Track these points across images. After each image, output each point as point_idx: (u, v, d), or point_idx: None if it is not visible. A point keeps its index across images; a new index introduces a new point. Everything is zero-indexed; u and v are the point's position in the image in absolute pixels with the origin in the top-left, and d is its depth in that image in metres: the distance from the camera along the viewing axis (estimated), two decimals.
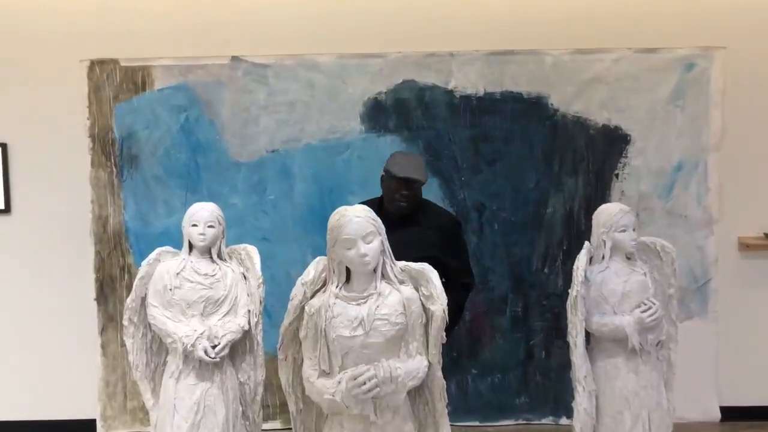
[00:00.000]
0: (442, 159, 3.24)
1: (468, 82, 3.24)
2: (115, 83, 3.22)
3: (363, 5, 3.26)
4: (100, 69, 3.22)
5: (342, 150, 3.25)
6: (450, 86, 3.25)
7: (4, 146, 3.24)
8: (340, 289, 2.00)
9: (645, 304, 2.44)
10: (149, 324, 2.47)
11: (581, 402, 2.46)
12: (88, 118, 3.22)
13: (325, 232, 2.03)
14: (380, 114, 3.25)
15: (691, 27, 3.27)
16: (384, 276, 2.01)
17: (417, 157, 2.77)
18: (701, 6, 3.27)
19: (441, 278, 2.57)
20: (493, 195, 3.25)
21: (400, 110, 3.25)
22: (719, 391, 3.32)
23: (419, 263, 2.07)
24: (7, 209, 3.26)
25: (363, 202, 2.72)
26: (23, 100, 3.24)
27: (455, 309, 2.70)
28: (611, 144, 3.27)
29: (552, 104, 3.25)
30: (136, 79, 3.22)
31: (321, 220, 3.14)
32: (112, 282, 3.25)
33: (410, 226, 2.62)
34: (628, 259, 2.53)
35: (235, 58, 3.21)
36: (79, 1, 3.22)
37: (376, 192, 3.22)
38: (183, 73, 3.21)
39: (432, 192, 3.08)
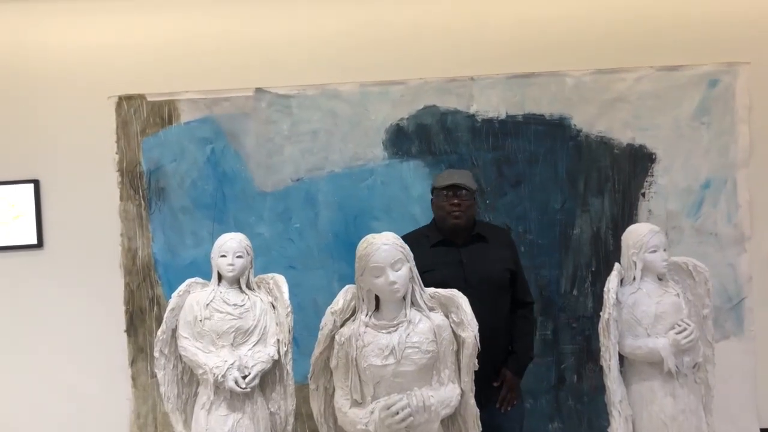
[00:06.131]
0: None
1: (489, 105, 3.25)
2: (142, 118, 3.29)
3: (383, 34, 3.30)
4: (127, 104, 3.29)
5: (366, 177, 3.27)
6: (471, 110, 3.26)
7: (36, 183, 3.32)
8: (370, 317, 2.00)
9: (679, 326, 2.40)
10: (180, 355, 2.48)
11: (617, 427, 2.41)
12: (116, 153, 3.29)
13: (351, 258, 2.04)
14: (403, 140, 3.26)
15: (714, 43, 3.25)
16: (413, 303, 2.01)
17: (463, 170, 2.78)
18: (723, 22, 3.25)
19: (528, 296, 2.66)
20: (519, 217, 3.24)
21: (423, 135, 3.26)
22: (759, 412, 3.23)
23: (449, 290, 2.07)
24: (39, 244, 3.32)
25: (412, 233, 2.73)
26: (54, 138, 3.32)
27: (530, 336, 2.70)
28: (636, 163, 3.24)
29: (575, 125, 3.25)
30: (163, 114, 3.29)
31: (346, 247, 3.20)
32: (142, 314, 3.28)
33: (480, 242, 2.60)
34: (660, 279, 2.49)
35: (258, 90, 3.26)
36: (106, 39, 3.31)
37: (400, 217, 3.25)
38: (208, 106, 3.26)
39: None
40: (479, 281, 2.50)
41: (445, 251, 2.57)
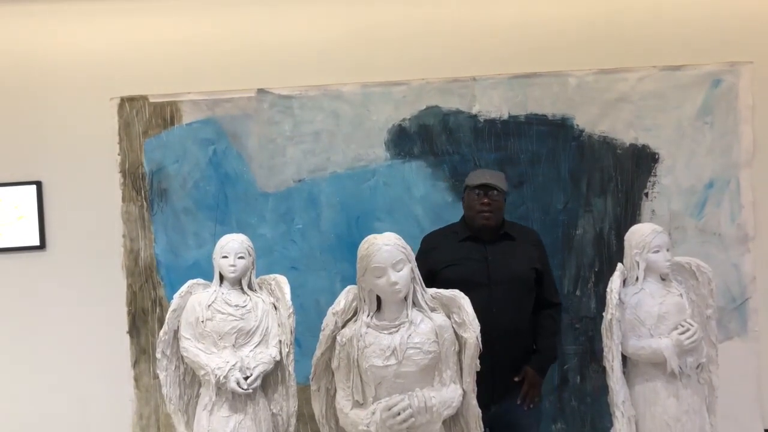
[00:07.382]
0: None
1: (492, 105, 3.25)
2: (144, 119, 3.29)
3: (384, 35, 3.30)
4: (129, 106, 3.29)
5: (368, 177, 3.27)
6: (474, 111, 3.25)
7: (38, 184, 3.32)
8: (372, 317, 2.00)
9: (683, 326, 2.39)
10: (182, 356, 2.48)
11: (620, 428, 2.40)
12: (118, 154, 3.29)
13: (353, 259, 2.03)
14: (405, 140, 3.26)
15: (716, 43, 3.24)
16: (415, 304, 2.00)
17: (496, 171, 2.81)
18: (726, 21, 3.24)
19: (555, 297, 2.66)
20: (522, 217, 3.22)
21: (425, 136, 3.26)
22: (763, 412, 3.21)
23: (450, 290, 2.06)
24: (42, 245, 3.32)
25: (442, 228, 2.78)
26: (56, 140, 3.33)
27: (554, 336, 2.69)
28: (639, 163, 3.23)
29: (577, 125, 3.24)
30: (165, 115, 3.29)
31: (349, 248, 3.20)
32: (144, 315, 3.28)
33: (507, 240, 2.63)
34: (663, 280, 2.48)
35: (260, 91, 3.26)
36: (108, 41, 3.32)
37: (403, 218, 3.25)
38: (210, 107, 3.27)
39: (460, 216, 3.06)
40: (502, 278, 2.53)
41: (472, 247, 2.61)
